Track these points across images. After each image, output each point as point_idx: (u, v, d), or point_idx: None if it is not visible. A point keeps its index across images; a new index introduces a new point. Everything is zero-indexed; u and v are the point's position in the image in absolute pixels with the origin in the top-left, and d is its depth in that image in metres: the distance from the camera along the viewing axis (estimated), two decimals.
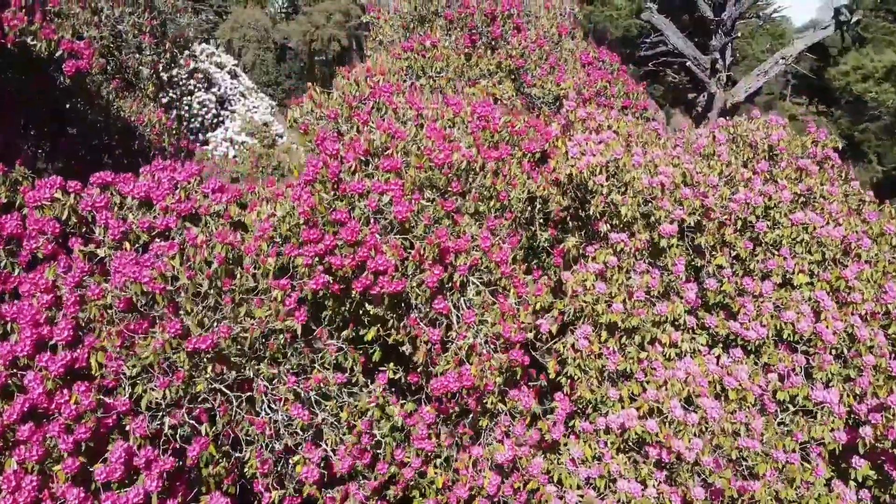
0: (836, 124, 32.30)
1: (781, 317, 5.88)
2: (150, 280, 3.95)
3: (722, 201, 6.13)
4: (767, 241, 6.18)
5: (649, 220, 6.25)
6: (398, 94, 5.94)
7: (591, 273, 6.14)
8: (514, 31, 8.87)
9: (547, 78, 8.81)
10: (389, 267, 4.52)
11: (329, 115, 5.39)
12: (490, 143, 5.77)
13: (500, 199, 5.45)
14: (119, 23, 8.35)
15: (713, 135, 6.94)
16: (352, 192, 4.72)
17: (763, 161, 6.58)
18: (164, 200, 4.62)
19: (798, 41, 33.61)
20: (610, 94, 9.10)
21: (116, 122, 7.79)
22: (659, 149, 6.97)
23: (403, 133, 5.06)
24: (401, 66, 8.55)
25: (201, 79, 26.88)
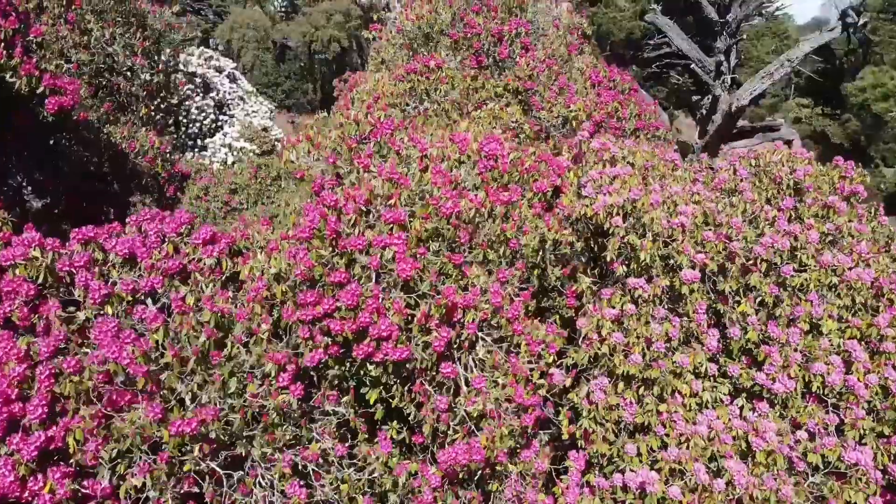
0: (843, 127, 31.89)
1: (810, 368, 5.53)
2: (131, 361, 3.60)
3: (746, 244, 5.77)
4: (794, 286, 5.81)
5: (668, 262, 5.89)
6: (401, 129, 5.57)
7: (606, 319, 5.78)
8: (521, 51, 8.49)
9: (556, 100, 8.45)
10: (393, 332, 4.17)
11: (327, 159, 5.02)
12: (499, 183, 5.41)
13: (510, 246, 5.09)
14: (110, 44, 7.98)
15: (734, 168, 6.56)
16: (352, 248, 4.36)
17: (788, 198, 6.21)
18: (149, 258, 4.26)
19: (804, 43, 33.18)
20: (622, 117, 8.73)
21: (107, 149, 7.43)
22: (677, 183, 6.61)
23: (407, 180, 4.70)
24: (404, 88, 8.19)
25: (199, 83, 26.47)
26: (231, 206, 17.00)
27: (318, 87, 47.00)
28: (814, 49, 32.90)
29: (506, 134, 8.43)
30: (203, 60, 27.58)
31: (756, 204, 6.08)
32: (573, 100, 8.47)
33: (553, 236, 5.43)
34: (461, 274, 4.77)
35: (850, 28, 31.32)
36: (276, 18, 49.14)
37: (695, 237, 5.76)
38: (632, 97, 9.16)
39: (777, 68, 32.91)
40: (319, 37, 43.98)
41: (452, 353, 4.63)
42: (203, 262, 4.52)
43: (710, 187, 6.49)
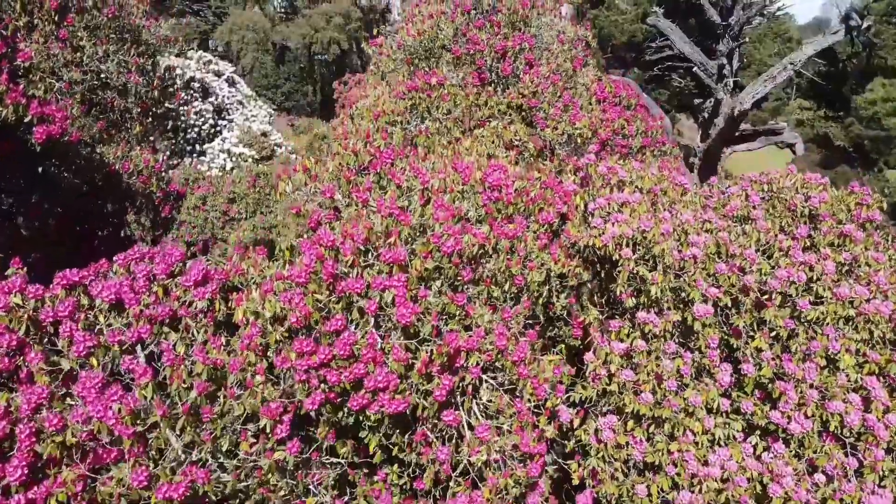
0: (846, 131, 31.65)
1: (827, 407, 5.31)
2: (117, 420, 3.39)
3: (761, 276, 5.55)
4: (810, 319, 5.60)
5: (680, 295, 5.68)
6: (401, 157, 5.36)
7: (615, 354, 5.58)
8: (525, 67, 8.27)
9: (561, 117, 8.23)
10: (391, 382, 3.96)
11: (325, 193, 4.80)
12: (503, 215, 5.19)
13: (515, 283, 4.87)
14: (103, 62, 7.76)
15: (746, 193, 6.35)
16: (350, 291, 4.15)
17: (802, 225, 5.99)
18: (137, 304, 4.05)
19: (807, 46, 32.93)
20: (627, 134, 8.51)
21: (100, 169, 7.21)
22: (688, 209, 6.40)
23: (408, 216, 4.48)
24: (404, 105, 7.97)
25: (198, 88, 26.24)
26: (229, 215, 16.77)
27: (317, 89, 46.73)
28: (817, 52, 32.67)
29: (509, 152, 8.24)
30: (202, 65, 27.34)
31: (770, 233, 5.86)
32: (578, 117, 8.25)
33: (560, 270, 5.21)
34: (464, 313, 4.56)
35: (853, 31, 31.06)
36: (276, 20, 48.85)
37: (707, 269, 5.55)
38: (638, 113, 8.94)
39: (780, 71, 32.66)
40: (319, 39, 43.72)
41: (455, 398, 4.42)
42: (195, 306, 4.30)
43: (722, 214, 6.28)
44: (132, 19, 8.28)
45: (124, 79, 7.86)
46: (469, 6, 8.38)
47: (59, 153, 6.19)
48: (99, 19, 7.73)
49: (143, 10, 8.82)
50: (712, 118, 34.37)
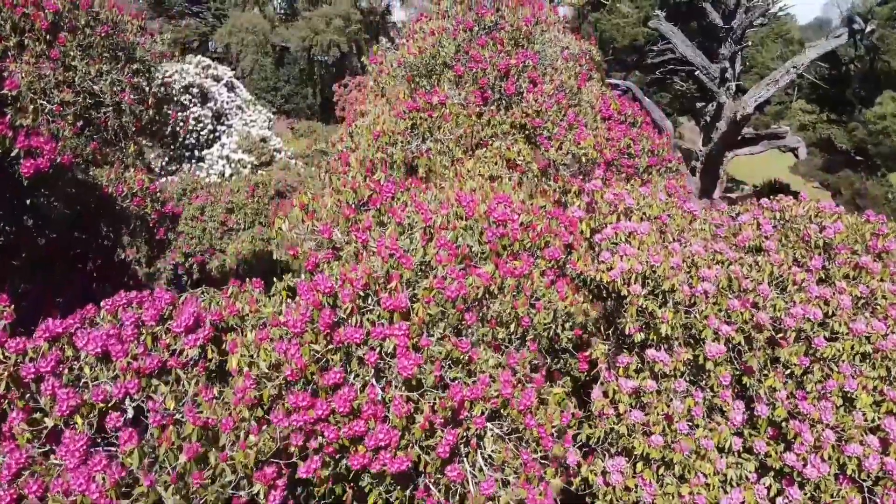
0: (849, 135, 31.43)
1: (845, 450, 5.11)
2: (100, 494, 3.19)
3: (775, 312, 5.36)
4: (825, 357, 5.40)
5: (690, 330, 5.48)
6: (402, 191, 5.16)
7: (623, 393, 5.39)
8: (529, 86, 8.07)
9: (565, 136, 8.03)
10: (392, 440, 3.76)
11: (323, 232, 4.60)
12: (509, 251, 5.00)
13: (522, 324, 4.68)
14: (96, 82, 7.56)
15: (757, 222, 6.15)
16: (349, 341, 3.95)
17: (817, 257, 5.79)
18: (125, 356, 3.85)
19: (810, 50, 32.71)
20: (633, 153, 8.31)
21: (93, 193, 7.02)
22: (697, 238, 6.21)
23: (409, 259, 4.29)
24: (405, 125, 7.77)
25: (196, 93, 26.03)
26: (228, 226, 16.59)
27: (317, 91, 46.51)
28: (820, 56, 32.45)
29: (513, 173, 8.04)
30: (200, 69, 27.15)
31: (783, 265, 5.66)
32: (583, 136, 8.05)
33: (567, 309, 5.01)
34: (468, 359, 4.36)
35: (856, 35, 30.84)
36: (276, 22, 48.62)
37: (719, 305, 5.36)
38: (644, 131, 8.74)
39: (782, 75, 32.43)
40: (319, 41, 43.50)
41: (459, 450, 4.22)
42: (185, 354, 4.11)
43: (733, 244, 6.08)
44: (126, 36, 8.07)
45: (118, 98, 7.65)
46: (471, 23, 8.18)
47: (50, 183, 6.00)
48: (92, 38, 7.52)
49: (137, 25, 8.60)
50: (714, 122, 34.15)
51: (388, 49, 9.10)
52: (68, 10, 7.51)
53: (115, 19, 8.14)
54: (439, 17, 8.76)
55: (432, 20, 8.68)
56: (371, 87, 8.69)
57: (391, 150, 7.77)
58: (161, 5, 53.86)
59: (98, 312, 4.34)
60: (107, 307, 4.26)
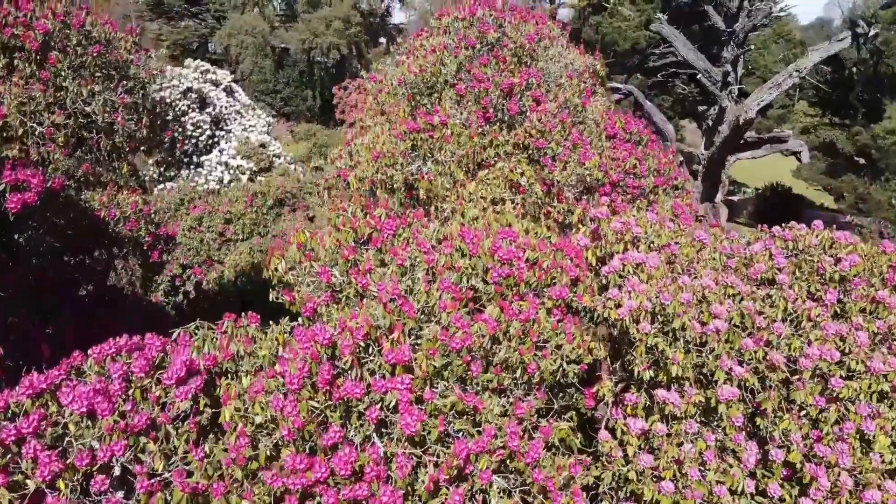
0: (852, 140, 31.23)
1: (863, 497, 4.93)
2: None
3: (790, 351, 5.17)
4: (842, 397, 5.21)
5: (702, 369, 5.29)
6: (404, 227, 4.97)
7: (632, 436, 5.19)
8: (532, 105, 7.87)
9: (570, 156, 7.83)
10: (396, 501, 3.57)
11: (321, 275, 4.41)
12: (515, 291, 4.81)
13: (528, 371, 4.49)
14: (88, 103, 7.37)
15: (770, 253, 5.96)
16: (349, 396, 3.76)
17: (832, 290, 5.60)
18: (111, 414, 3.66)
19: (813, 53, 32.51)
20: (640, 174, 8.12)
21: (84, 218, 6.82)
22: (707, 267, 6.02)
23: (412, 308, 4.09)
24: (405, 146, 7.58)
25: (195, 98, 25.82)
26: (226, 237, 16.40)
27: (317, 93, 46.33)
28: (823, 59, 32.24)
29: (515, 194, 7.85)
30: (199, 74, 26.92)
31: (797, 301, 5.47)
32: (588, 156, 7.85)
33: (576, 353, 4.82)
34: (474, 408, 4.17)
35: (860, 38, 30.64)
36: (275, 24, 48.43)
37: (732, 344, 5.17)
38: (650, 149, 8.54)
39: (785, 79, 32.22)
40: (319, 43, 43.33)
41: None
42: (176, 407, 3.92)
43: (744, 275, 5.89)
44: (119, 54, 7.87)
45: (110, 119, 7.46)
46: (473, 41, 7.97)
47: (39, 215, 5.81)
48: (84, 58, 7.32)
49: (131, 41, 8.40)
50: (716, 126, 33.95)
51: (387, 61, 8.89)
52: (59, 29, 7.32)
53: (108, 37, 7.95)
54: (440, 33, 8.56)
55: (433, 36, 8.48)
56: (370, 105, 8.49)
57: (391, 172, 7.59)
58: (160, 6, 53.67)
59: (85, 360, 4.16)
60: (94, 355, 4.07)
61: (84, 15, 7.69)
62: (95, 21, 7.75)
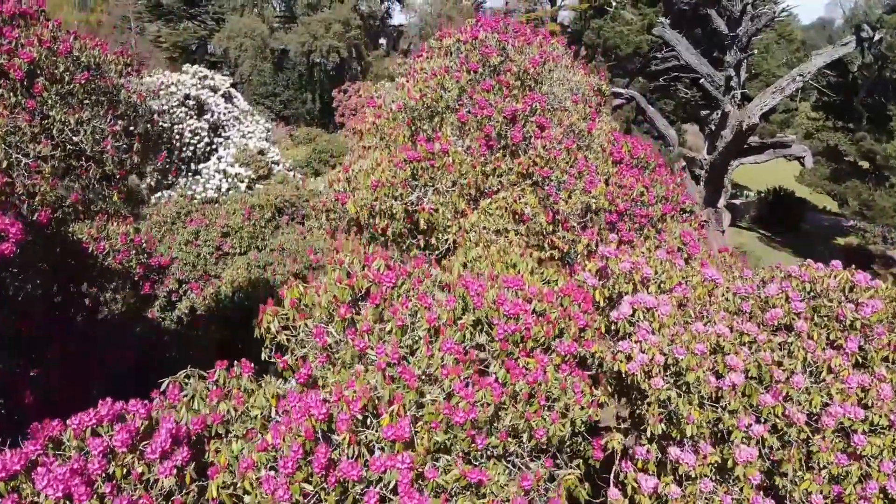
0: (857, 145, 30.95)
1: None
2: None
3: (811, 407, 4.91)
4: (865, 454, 4.96)
5: (718, 425, 5.04)
6: (404, 277, 4.71)
7: (644, 495, 4.94)
8: (536, 131, 7.60)
9: (575, 184, 7.57)
10: None
11: (316, 336, 4.15)
12: (521, 347, 4.55)
13: (535, 437, 4.23)
14: (76, 133, 7.11)
15: (787, 295, 5.69)
16: (345, 477, 3.50)
17: (852, 337, 5.34)
18: (88, 498, 3.41)
19: (817, 57, 32.23)
20: (647, 202, 7.85)
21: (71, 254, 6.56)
22: (720, 310, 5.76)
23: (413, 376, 3.84)
24: (405, 176, 7.32)
25: (193, 105, 25.53)
26: (223, 250, 16.12)
27: (317, 96, 46.02)
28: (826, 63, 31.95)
29: (519, 225, 7.59)
30: (197, 80, 26.63)
31: (816, 350, 5.20)
32: (594, 184, 7.59)
33: (585, 411, 4.56)
34: (478, 481, 3.91)
35: (864, 43, 30.35)
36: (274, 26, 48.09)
37: (750, 400, 4.91)
38: (658, 175, 8.27)
39: (788, 83, 31.95)
40: (318, 46, 43.02)
41: None
42: (160, 485, 3.66)
43: (760, 321, 5.62)
44: (109, 79, 7.60)
45: (100, 147, 7.20)
46: (475, 65, 7.71)
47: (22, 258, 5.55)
48: (72, 85, 7.06)
49: (122, 64, 8.14)
50: (719, 131, 33.66)
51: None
52: (46, 56, 7.06)
53: (97, 61, 7.68)
54: (441, 55, 8.30)
55: (434, 58, 8.22)
56: (369, 129, 8.23)
57: (391, 203, 7.33)
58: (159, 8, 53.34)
59: (64, 430, 3.90)
60: (74, 426, 3.82)
61: (72, 40, 7.43)
62: (84, 45, 7.48)
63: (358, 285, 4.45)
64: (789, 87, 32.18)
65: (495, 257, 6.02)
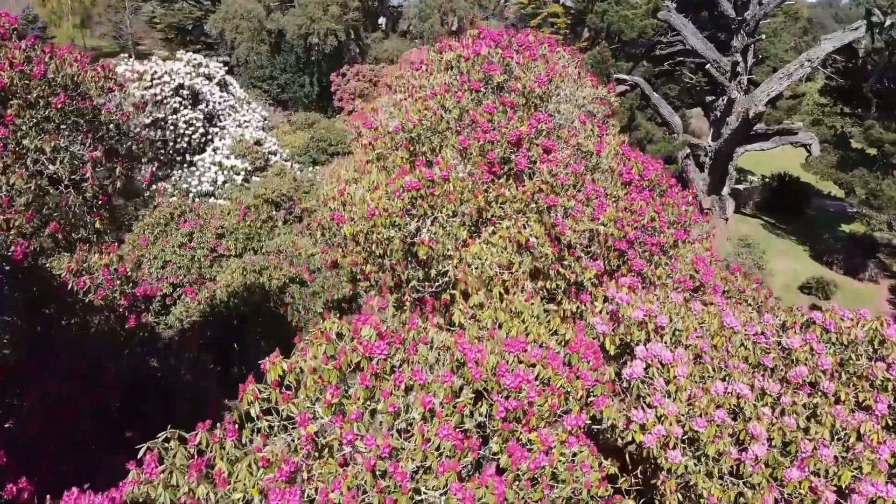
0: (865, 133, 30.34)
1: None
2: None
3: (839, 481, 4.57)
4: None
5: (739, 499, 4.69)
6: (397, 346, 4.33)
7: None
8: (542, 155, 7.16)
9: (583, 211, 7.15)
10: None
11: (300, 424, 3.77)
12: (524, 423, 4.20)
13: None
14: (53, 161, 6.70)
15: (811, 347, 5.32)
16: None
17: (882, 398, 4.98)
18: None
19: (826, 42, 31.53)
20: (658, 228, 7.44)
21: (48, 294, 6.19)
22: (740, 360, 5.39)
23: (404, 476, 3.47)
24: (402, 205, 6.90)
25: (187, 95, 24.91)
26: (218, 252, 15.71)
27: (314, 79, 45.13)
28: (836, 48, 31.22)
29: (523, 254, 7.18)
30: (191, 68, 25.97)
31: (844, 415, 4.84)
32: (603, 208, 7.16)
33: (594, 492, 4.21)
34: None
35: (875, 28, 29.61)
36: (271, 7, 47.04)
37: (773, 473, 4.56)
38: (670, 198, 7.84)
39: (796, 68, 31.27)
40: (316, 29, 42.10)
41: None
42: None
43: (783, 377, 5.26)
44: (88, 100, 7.15)
45: (78, 176, 6.79)
46: (477, 84, 7.24)
47: None
48: (47, 110, 6.62)
49: (103, 79, 7.67)
50: (724, 117, 33.06)
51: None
52: (18, 79, 6.61)
53: (75, 79, 7.22)
54: (441, 70, 7.83)
55: (433, 74, 7.74)
56: (366, 149, 7.79)
57: (388, 234, 6.93)
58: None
59: None
60: None
61: (47, 59, 6.97)
62: (60, 65, 7.01)
63: (346, 361, 4.07)
64: (797, 72, 31.47)
65: (497, 303, 5.64)
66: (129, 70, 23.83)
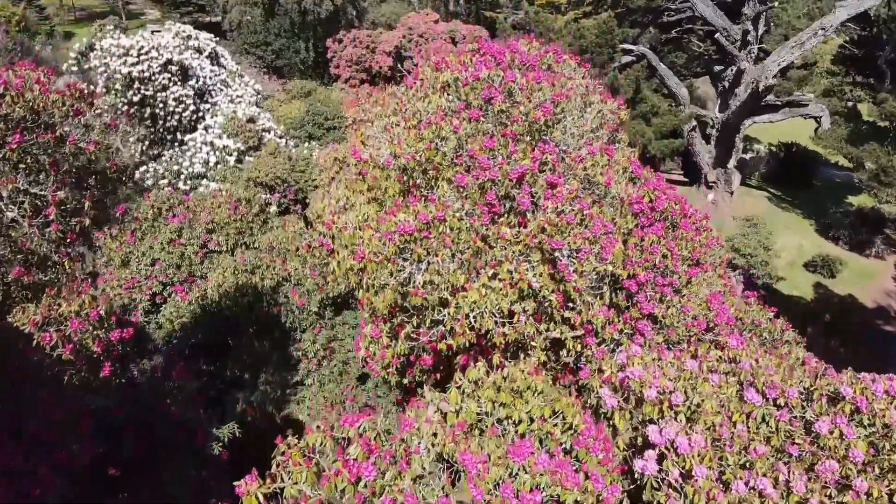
0: (879, 107, 29.39)
1: None
2: None
3: None
4: None
5: None
6: (388, 464, 3.86)
7: None
8: (547, 190, 6.57)
9: (591, 250, 6.61)
10: None
11: None
12: None
13: None
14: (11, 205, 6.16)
15: (840, 432, 4.85)
16: None
17: None
18: None
19: (840, 10, 30.27)
20: (672, 268, 6.91)
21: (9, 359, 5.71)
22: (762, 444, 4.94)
23: None
24: (394, 249, 6.35)
25: (176, 71, 23.94)
26: (209, 248, 15.16)
27: (310, 45, 43.69)
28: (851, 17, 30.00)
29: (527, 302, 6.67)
30: (180, 41, 24.91)
31: None
32: (610, 248, 6.62)
33: None
34: None
35: None
36: None
37: None
38: (683, 230, 7.27)
39: (809, 37, 30.14)
40: None
41: None
42: None
43: (808, 467, 4.81)
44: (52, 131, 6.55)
45: (40, 221, 6.24)
46: (476, 113, 6.60)
47: None
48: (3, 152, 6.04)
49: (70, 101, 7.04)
50: (733, 88, 32.06)
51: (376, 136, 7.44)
52: None
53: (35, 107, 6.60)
54: (437, 90, 7.17)
55: (429, 96, 7.09)
56: (356, 181, 7.20)
57: (379, 282, 6.41)
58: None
59: None
60: None
61: (2, 91, 6.34)
62: (17, 96, 6.38)
63: (331, 487, 3.61)
64: (810, 41, 30.33)
65: (499, 379, 5.17)
66: (114, 45, 22.87)
